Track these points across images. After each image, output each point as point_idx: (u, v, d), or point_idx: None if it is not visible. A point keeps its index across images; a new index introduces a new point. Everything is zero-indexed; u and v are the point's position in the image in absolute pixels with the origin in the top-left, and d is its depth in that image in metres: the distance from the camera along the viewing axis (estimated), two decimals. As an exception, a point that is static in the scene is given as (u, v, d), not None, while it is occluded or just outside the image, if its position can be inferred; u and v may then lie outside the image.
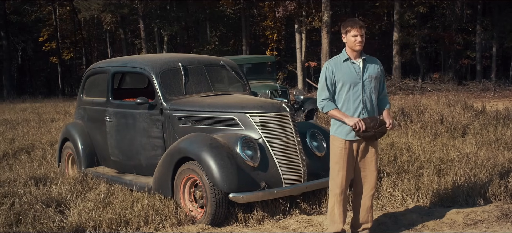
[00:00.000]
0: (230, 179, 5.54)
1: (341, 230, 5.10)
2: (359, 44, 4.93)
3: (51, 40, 45.04)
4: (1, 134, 12.92)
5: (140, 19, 30.58)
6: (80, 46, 48.55)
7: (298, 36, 29.75)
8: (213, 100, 6.51)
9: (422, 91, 24.25)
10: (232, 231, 5.63)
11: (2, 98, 29.74)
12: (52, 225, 5.61)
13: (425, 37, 32.07)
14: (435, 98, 14.26)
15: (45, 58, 49.40)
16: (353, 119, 4.81)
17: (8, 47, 38.74)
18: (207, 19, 35.56)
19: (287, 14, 27.98)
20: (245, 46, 32.29)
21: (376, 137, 4.91)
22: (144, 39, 31.37)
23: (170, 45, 38.70)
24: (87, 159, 7.74)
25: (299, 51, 29.45)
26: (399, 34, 27.66)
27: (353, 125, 4.79)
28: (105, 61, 8.09)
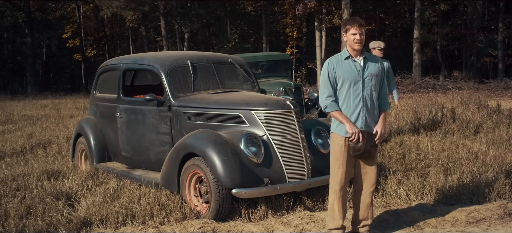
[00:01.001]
0: (234, 175, 5.64)
1: (341, 226, 5.16)
2: (358, 42, 4.99)
3: (75, 37, 45.67)
4: (20, 129, 13.22)
5: (161, 17, 30.83)
6: (103, 43, 49.19)
7: (318, 34, 29.72)
8: (220, 98, 6.61)
9: (443, 89, 24.05)
10: (235, 226, 5.71)
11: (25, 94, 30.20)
12: (60, 218, 5.75)
13: (447, 35, 31.79)
14: (450, 96, 14.18)
15: (69, 55, 50.09)
16: (353, 127, 4.90)
17: (32, 44, 39.33)
18: (227, 17, 35.70)
19: (307, 11, 27.98)
20: (265, 44, 32.35)
21: (364, 154, 4.98)
22: (164, 36, 31.62)
23: (191, 42, 38.95)
24: (99, 154, 7.90)
25: (319, 48, 29.42)
26: (419, 32, 27.46)
27: (351, 134, 4.88)
28: (116, 58, 8.24)
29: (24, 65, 45.09)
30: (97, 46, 49.36)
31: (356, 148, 4.94)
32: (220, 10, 34.47)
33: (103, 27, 48.32)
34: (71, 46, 46.44)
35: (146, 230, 5.62)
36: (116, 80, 7.64)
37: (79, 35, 45.01)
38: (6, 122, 15.21)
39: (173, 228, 5.65)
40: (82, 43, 45.54)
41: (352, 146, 4.95)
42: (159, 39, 39.75)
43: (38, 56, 49.50)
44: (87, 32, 48.91)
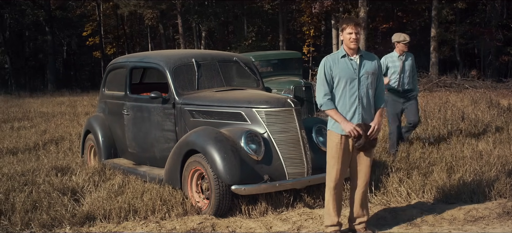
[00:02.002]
0: (233, 172, 5.73)
1: (336, 223, 5.23)
2: (354, 41, 5.04)
3: (95, 35, 46.16)
4: (35, 125, 13.46)
5: (179, 15, 31.04)
6: (123, 41, 49.60)
7: (335, 32, 29.61)
8: (223, 96, 6.70)
9: (460, 88, 23.87)
10: (234, 222, 5.79)
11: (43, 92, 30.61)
12: (64, 212, 5.89)
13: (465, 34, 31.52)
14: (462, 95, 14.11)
15: (89, 53, 50.63)
16: (349, 125, 4.95)
17: (52, 42, 39.83)
18: (244, 15, 35.79)
19: (323, 10, 27.95)
20: (282, 42, 32.37)
21: (366, 147, 5.04)
22: (182, 34, 31.81)
23: (209, 40, 39.12)
24: (107, 150, 8.05)
25: (335, 47, 29.32)
26: (437, 30, 27.27)
27: (348, 132, 4.94)
28: (124, 56, 8.38)
29: (45, 63, 45.67)
30: (117, 44, 49.76)
31: (359, 144, 5.00)
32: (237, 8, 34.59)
33: (122, 25, 48.74)
34: (91, 44, 46.93)
35: (147, 225, 5.73)
36: (123, 78, 7.78)
37: (99, 33, 45.47)
38: (23, 118, 15.49)
39: (173, 223, 5.75)
40: (101, 41, 45.99)
41: (355, 144, 5.01)
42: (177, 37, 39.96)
43: (58, 54, 50.14)
44: (107, 30, 49.36)
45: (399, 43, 8.29)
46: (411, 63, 8.34)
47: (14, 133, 12.47)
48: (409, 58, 8.33)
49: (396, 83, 8.26)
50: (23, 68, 48.50)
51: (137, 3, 28.76)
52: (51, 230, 5.69)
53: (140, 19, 45.87)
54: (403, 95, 8.31)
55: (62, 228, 5.73)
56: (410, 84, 8.33)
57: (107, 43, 49.82)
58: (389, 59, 8.38)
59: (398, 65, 8.25)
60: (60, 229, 5.71)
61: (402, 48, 8.25)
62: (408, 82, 8.29)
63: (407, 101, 8.34)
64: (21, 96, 25.72)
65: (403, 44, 8.26)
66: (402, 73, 8.22)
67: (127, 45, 48.88)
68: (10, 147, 10.32)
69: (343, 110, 5.05)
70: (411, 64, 8.34)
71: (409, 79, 8.29)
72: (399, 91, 8.29)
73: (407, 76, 8.27)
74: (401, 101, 8.34)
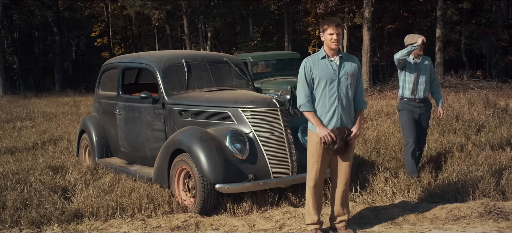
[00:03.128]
0: (217, 170, 5.82)
1: (317, 221, 5.30)
2: (335, 42, 5.12)
3: (103, 36, 46.41)
4: (37, 125, 13.62)
5: (184, 15, 31.18)
6: (131, 42, 49.85)
7: (340, 33, 29.65)
8: (210, 96, 6.79)
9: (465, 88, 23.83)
10: (219, 220, 5.90)
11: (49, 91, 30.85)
12: (53, 210, 6.01)
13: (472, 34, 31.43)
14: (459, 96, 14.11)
15: (97, 53, 50.89)
16: (324, 130, 5.03)
17: (60, 42, 40.12)
18: (250, 15, 35.88)
19: (328, 10, 27.97)
20: (287, 42, 32.42)
21: (343, 150, 5.11)
22: (187, 35, 31.95)
23: (216, 41, 39.25)
24: (100, 150, 8.17)
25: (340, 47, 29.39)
26: (442, 30, 27.24)
27: (322, 138, 5.03)
28: (117, 57, 8.50)
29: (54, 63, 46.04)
30: (125, 45, 50.03)
31: (335, 149, 5.08)
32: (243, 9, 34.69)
33: (130, 26, 49.00)
34: (100, 44, 47.21)
35: (133, 223, 5.84)
36: (116, 78, 7.89)
37: (107, 34, 45.73)
38: (25, 118, 15.67)
39: (159, 221, 5.87)
40: (110, 41, 46.23)
41: (330, 149, 5.09)
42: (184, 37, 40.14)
43: (67, 54, 50.49)
44: (115, 31, 49.62)
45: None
46: (428, 67, 7.30)
47: (15, 133, 12.64)
48: (425, 62, 7.29)
49: (410, 91, 7.23)
50: (33, 68, 48.92)
51: (142, 4, 28.91)
52: (39, 227, 5.80)
53: (147, 20, 46.07)
54: (419, 104, 7.26)
55: (50, 225, 5.84)
56: (426, 92, 7.30)
57: (116, 43, 50.07)
58: (410, 58, 7.28)
59: (414, 69, 7.22)
60: (48, 227, 5.82)
61: (418, 51, 7.23)
62: (424, 89, 7.24)
63: (424, 113, 7.32)
64: (27, 97, 25.95)
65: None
66: (418, 79, 7.21)
67: (135, 45, 49.10)
68: (9, 146, 10.47)
69: (322, 111, 5.12)
70: (427, 68, 7.30)
71: (425, 85, 7.23)
72: (414, 100, 7.25)
73: (423, 82, 7.22)
74: (417, 112, 7.26)
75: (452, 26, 30.83)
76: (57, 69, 39.51)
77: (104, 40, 46.48)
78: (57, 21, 39.83)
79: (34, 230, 5.75)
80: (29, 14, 44.26)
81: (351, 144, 5.20)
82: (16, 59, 41.00)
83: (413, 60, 7.25)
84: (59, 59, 39.80)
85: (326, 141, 5.03)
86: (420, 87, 7.22)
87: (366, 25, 25.98)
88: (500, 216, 5.71)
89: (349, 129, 5.11)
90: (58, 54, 40.02)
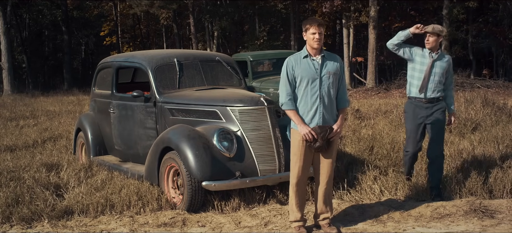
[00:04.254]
0: (204, 168, 5.90)
1: (300, 218, 5.37)
2: (317, 41, 5.17)
3: (112, 35, 46.65)
4: (39, 124, 13.77)
5: (190, 14, 31.31)
6: (139, 41, 50.08)
7: (346, 32, 29.71)
8: (200, 94, 6.87)
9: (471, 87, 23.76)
10: (206, 217, 5.97)
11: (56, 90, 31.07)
12: (44, 207, 6.11)
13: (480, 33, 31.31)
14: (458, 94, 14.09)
15: (106, 52, 51.05)
16: (305, 128, 5.09)
17: (68, 41, 40.40)
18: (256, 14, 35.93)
19: (333, 9, 27.99)
20: (294, 41, 32.44)
21: (325, 148, 5.17)
22: (194, 34, 32.07)
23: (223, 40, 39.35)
24: (95, 147, 8.28)
25: (346, 46, 29.43)
26: (448, 29, 27.16)
27: (303, 136, 5.09)
28: (112, 56, 8.61)
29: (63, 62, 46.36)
30: (134, 44, 50.26)
31: (317, 147, 5.14)
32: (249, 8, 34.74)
33: (139, 25, 49.22)
34: (108, 43, 47.46)
35: (121, 219, 5.93)
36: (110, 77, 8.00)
37: (116, 33, 45.96)
38: (29, 117, 15.83)
39: (146, 218, 5.95)
40: (118, 40, 46.45)
41: (311, 146, 5.15)
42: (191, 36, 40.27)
43: (77, 53, 50.83)
44: (123, 30, 49.83)
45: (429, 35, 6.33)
46: (445, 66, 6.36)
47: (17, 131, 12.79)
48: (443, 60, 6.38)
49: (417, 87, 6.38)
50: (43, 67, 49.28)
51: (149, 3, 29.06)
52: (30, 224, 5.90)
53: (156, 19, 46.27)
54: (427, 105, 6.41)
55: (40, 222, 5.94)
56: (438, 92, 6.38)
57: (124, 42, 50.27)
58: (419, 51, 6.43)
59: (427, 63, 6.32)
60: (38, 223, 5.92)
61: (431, 43, 6.31)
62: (435, 89, 6.35)
63: (432, 114, 6.40)
64: (34, 95, 26.17)
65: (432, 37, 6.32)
66: (429, 76, 6.30)
67: (144, 44, 49.31)
68: (10, 144, 10.61)
69: (305, 109, 5.18)
70: (444, 67, 6.35)
71: (437, 85, 6.35)
72: (421, 100, 6.41)
73: (435, 81, 6.32)
74: (424, 114, 6.40)
75: (459, 24, 30.73)
76: (66, 68, 39.78)
77: (113, 39, 46.71)
78: (66, 20, 40.11)
79: (24, 227, 5.84)
80: (38, 13, 44.58)
81: (333, 142, 5.25)
82: (24, 58, 41.28)
83: (429, 53, 6.34)
84: (67, 58, 40.06)
85: (307, 138, 5.09)
86: (431, 85, 6.33)
87: (372, 24, 25.97)
88: (485, 214, 5.74)
89: (330, 127, 5.17)
90: (66, 53, 40.29)
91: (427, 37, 6.34)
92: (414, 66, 6.45)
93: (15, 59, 41.92)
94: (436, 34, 6.31)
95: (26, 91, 29.93)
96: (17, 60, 43.38)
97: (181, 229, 5.67)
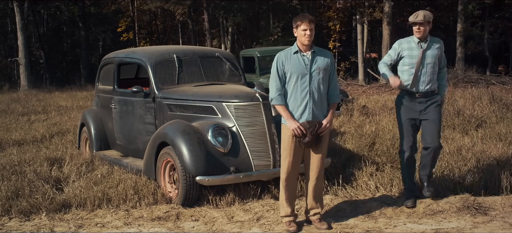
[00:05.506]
0: (198, 163, 5.97)
1: (290, 213, 5.41)
2: (308, 37, 5.21)
3: (129, 31, 46.93)
4: (49, 119, 13.96)
5: (204, 10, 31.41)
6: (156, 36, 50.35)
7: (360, 27, 29.54)
8: (198, 90, 6.94)
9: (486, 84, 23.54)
10: (200, 211, 6.03)
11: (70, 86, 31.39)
12: (42, 200, 6.23)
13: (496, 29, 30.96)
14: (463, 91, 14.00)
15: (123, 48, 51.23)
16: (294, 123, 5.14)
17: (85, 37, 40.78)
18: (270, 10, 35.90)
19: (347, 5, 27.89)
20: (308, 37, 32.18)
21: (315, 143, 5.20)
22: (208, 30, 32.16)
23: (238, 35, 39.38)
24: (98, 142, 8.40)
25: (360, 42, 29.25)
26: (463, 25, 26.94)
27: (292, 131, 5.14)
28: (115, 52, 8.70)
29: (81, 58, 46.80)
30: (150, 39, 50.52)
31: (306, 142, 5.18)
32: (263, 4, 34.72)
33: (155, 21, 49.48)
34: (125, 39, 47.76)
35: (117, 213, 6.02)
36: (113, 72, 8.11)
37: (133, 29, 46.23)
38: (41, 112, 16.04)
39: (142, 212, 6.04)
40: (135, 36, 46.71)
41: (301, 142, 5.19)
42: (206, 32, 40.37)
43: (95, 49, 51.24)
44: (140, 26, 50.10)
45: (412, 26, 5.88)
46: (436, 53, 5.85)
47: (27, 125, 12.98)
48: (433, 46, 5.85)
49: (409, 81, 5.85)
50: (61, 63, 49.80)
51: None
52: (28, 216, 6.02)
53: (172, 15, 46.45)
54: (420, 100, 5.90)
55: (38, 214, 6.05)
56: (432, 84, 5.89)
57: (141, 38, 50.55)
58: (405, 45, 5.90)
59: (417, 55, 5.81)
60: (36, 216, 6.03)
61: (415, 32, 5.85)
62: (429, 81, 5.85)
63: (426, 109, 5.90)
64: (50, 91, 26.46)
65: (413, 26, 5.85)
66: (422, 68, 5.80)
67: (160, 40, 49.52)
68: (18, 138, 10.78)
69: (294, 105, 5.23)
70: (436, 55, 5.85)
71: (431, 76, 5.85)
72: (414, 94, 5.90)
73: (428, 73, 5.83)
74: (417, 109, 5.91)
75: (474, 20, 30.43)
76: (83, 64, 40.19)
77: (129, 35, 46.95)
78: (83, 16, 40.49)
79: (22, 219, 5.96)
80: (56, 10, 45.04)
81: (323, 138, 5.28)
82: (42, 53, 41.74)
83: (418, 42, 5.85)
84: (84, 54, 40.45)
85: (296, 134, 5.13)
86: (423, 79, 5.83)
87: (385, 20, 25.84)
88: (478, 211, 5.74)
89: (320, 122, 5.20)
90: (84, 49, 40.69)
91: (417, 26, 5.78)
92: (403, 61, 5.93)
93: (33, 55, 42.41)
94: (427, 22, 5.79)
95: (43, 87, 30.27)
96: (35, 56, 43.86)
97: (175, 223, 5.74)
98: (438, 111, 5.94)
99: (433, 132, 5.89)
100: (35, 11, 41.12)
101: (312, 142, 5.18)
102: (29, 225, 5.79)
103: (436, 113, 5.90)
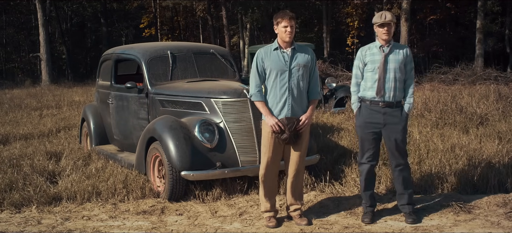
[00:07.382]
0: (183, 158, 6.04)
1: (269, 208, 5.46)
2: (289, 34, 5.24)
3: (151, 27, 47.29)
4: (60, 113, 14.18)
5: (223, 6, 31.52)
6: (177, 33, 50.65)
7: (378, 24, 29.31)
8: (189, 86, 7.01)
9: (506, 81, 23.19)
10: (185, 206, 6.12)
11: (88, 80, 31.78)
12: (33, 193, 6.37)
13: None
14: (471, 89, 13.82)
15: (145, 44, 51.78)
16: (272, 119, 5.19)
17: (107, 33, 41.26)
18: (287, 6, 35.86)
19: (365, 1, 27.73)
20: (326, 33, 32.28)
21: (293, 140, 5.23)
22: (226, 26, 32.26)
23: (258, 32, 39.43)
24: (97, 137, 8.54)
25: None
26: (482, 21, 26.60)
27: (270, 127, 5.19)
28: (113, 48, 8.83)
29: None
30: (172, 35, 50.84)
31: (284, 138, 5.22)
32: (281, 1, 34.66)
33: (177, 17, 49.78)
34: (148, 35, 48.12)
35: (105, 206, 6.14)
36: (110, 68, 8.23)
37: (155, 24, 46.58)
38: (54, 106, 16.29)
39: (128, 205, 6.15)
40: (157, 32, 47.05)
41: (279, 138, 5.23)
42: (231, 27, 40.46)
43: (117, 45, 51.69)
44: (162, 22, 50.43)
45: (376, 27, 5.38)
46: (401, 59, 5.33)
47: (37, 120, 13.21)
48: (397, 51, 5.34)
49: (372, 89, 5.38)
50: (85, 58, 50.41)
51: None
52: (19, 209, 6.16)
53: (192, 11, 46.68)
54: (384, 109, 5.39)
55: (29, 207, 6.19)
56: (397, 94, 5.38)
57: (163, 34, 50.90)
58: (367, 51, 5.48)
59: (379, 60, 5.33)
60: (27, 208, 6.18)
61: (381, 34, 5.34)
62: (393, 89, 5.34)
63: (389, 121, 5.40)
64: (69, 86, 26.83)
65: (380, 28, 5.34)
66: (385, 74, 5.30)
67: (182, 36, 49.82)
68: (26, 132, 11.00)
69: (274, 101, 5.26)
70: (400, 61, 5.33)
71: (396, 84, 5.34)
72: (377, 103, 5.41)
73: (391, 80, 5.32)
74: (380, 121, 5.42)
75: (494, 16, 30.00)
76: (103, 60, 40.61)
77: (152, 31, 47.32)
78: (104, 12, 40.95)
79: (13, 211, 6.11)
80: (79, 6, 45.61)
81: (302, 134, 5.31)
82: (64, 49, 42.33)
83: (380, 47, 5.38)
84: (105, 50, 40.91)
85: (275, 130, 5.17)
86: (388, 85, 5.32)
87: (404, 16, 25.61)
88: (462, 209, 5.71)
89: (298, 118, 5.23)
90: (105, 45, 41.13)
91: (385, 28, 5.29)
92: (366, 67, 5.45)
93: (56, 51, 43.00)
94: (394, 23, 5.36)
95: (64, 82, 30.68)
96: (58, 51, 44.48)
97: (159, 217, 5.83)
98: (403, 127, 5.43)
99: (395, 153, 5.49)
100: (57, 8, 41.65)
101: (290, 138, 5.21)
102: (18, 217, 5.93)
103: (401, 133, 5.41)
